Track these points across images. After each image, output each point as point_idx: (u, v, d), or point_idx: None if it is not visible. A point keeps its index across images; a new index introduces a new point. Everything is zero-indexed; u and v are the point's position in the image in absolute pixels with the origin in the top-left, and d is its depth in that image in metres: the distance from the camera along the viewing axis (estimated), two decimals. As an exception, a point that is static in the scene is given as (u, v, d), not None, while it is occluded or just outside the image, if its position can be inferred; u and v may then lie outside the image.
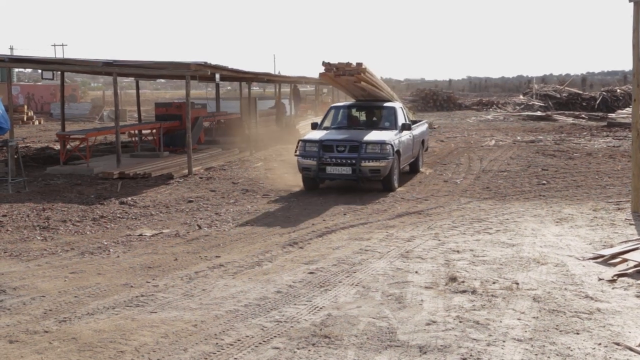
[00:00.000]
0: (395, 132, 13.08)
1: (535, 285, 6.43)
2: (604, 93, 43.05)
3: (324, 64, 12.96)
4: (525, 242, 8.33)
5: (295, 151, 12.81)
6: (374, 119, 14.19)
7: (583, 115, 36.30)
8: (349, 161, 12.23)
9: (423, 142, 15.80)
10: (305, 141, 12.72)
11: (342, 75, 12.97)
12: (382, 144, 12.33)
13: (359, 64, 12.85)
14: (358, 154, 12.19)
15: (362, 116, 14.69)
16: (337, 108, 14.60)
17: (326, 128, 13.67)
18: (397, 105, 14.49)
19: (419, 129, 15.45)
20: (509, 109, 42.67)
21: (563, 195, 12.02)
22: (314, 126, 13.88)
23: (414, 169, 15.14)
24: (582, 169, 15.21)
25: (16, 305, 6.06)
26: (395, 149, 12.54)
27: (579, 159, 17.06)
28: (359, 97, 14.87)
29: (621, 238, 8.38)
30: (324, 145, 12.42)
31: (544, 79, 68.07)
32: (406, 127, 13.48)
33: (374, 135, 12.68)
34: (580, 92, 46.93)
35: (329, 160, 12.33)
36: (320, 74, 13.26)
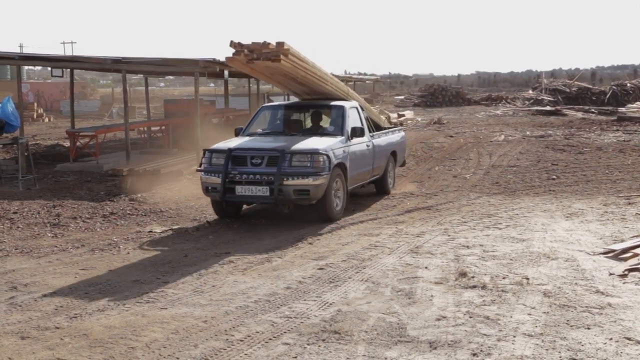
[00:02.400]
0: (340, 139, 9.90)
1: (545, 280, 6.41)
2: (613, 87, 42.74)
3: (232, 44, 9.41)
4: (535, 237, 8.30)
5: (200, 165, 9.81)
6: (317, 122, 10.94)
7: (593, 110, 36.09)
8: (266, 178, 9.07)
9: (395, 154, 12.37)
10: (211, 151, 9.62)
11: (256, 59, 9.46)
12: (312, 154, 9.12)
13: (280, 44, 9.36)
14: (278, 168, 9.05)
15: (302, 119, 11.52)
16: (269, 109, 11.65)
17: (251, 134, 10.60)
18: (349, 104, 10.96)
19: (388, 137, 12.13)
20: (518, 104, 42.46)
21: (573, 190, 11.97)
22: (238, 132, 10.76)
23: (380, 188, 11.90)
24: (592, 164, 15.13)
25: (27, 301, 6.10)
26: (336, 162, 9.38)
27: (589, 153, 16.97)
28: (302, 94, 11.61)
29: (632, 232, 8.34)
30: (234, 157, 9.28)
31: (553, 74, 67.78)
32: (358, 132, 10.23)
33: (305, 143, 9.52)
34: (590, 86, 46.63)
35: (239, 177, 9.18)
36: (228, 59, 9.71)
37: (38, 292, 6.36)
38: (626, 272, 6.59)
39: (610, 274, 6.59)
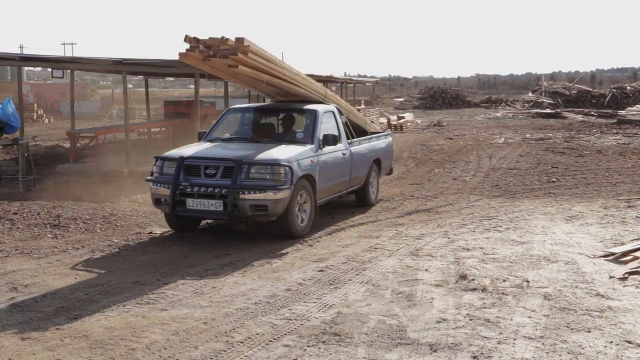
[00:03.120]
0: (309, 147, 9.05)
1: (545, 283, 6.41)
2: (613, 90, 42.83)
3: (187, 38, 8.60)
4: (536, 239, 8.30)
5: (151, 174, 8.95)
6: (289, 128, 9.96)
7: (593, 113, 36.18)
8: (219, 191, 8.15)
9: (379, 162, 11.40)
10: (162, 159, 8.78)
11: (213, 56, 8.56)
12: (272, 165, 8.22)
13: (240, 40, 8.44)
14: (233, 181, 8.13)
15: (273, 124, 10.46)
16: (237, 111, 10.50)
17: (214, 140, 9.69)
18: (323, 108, 9.97)
19: (371, 143, 11.17)
20: (518, 107, 42.54)
21: (573, 192, 11.98)
22: (201, 136, 10.01)
23: (361, 200, 10.96)
24: (592, 167, 15.14)
25: (28, 302, 6.09)
26: (301, 173, 8.53)
27: (589, 156, 16.99)
28: (274, 95, 10.70)
29: (632, 236, 8.34)
30: (186, 166, 8.42)
31: (553, 76, 67.92)
32: (331, 140, 9.34)
33: (267, 153, 8.58)
34: (590, 89, 46.73)
35: (190, 189, 8.30)
36: (181, 55, 8.76)
37: (38, 293, 6.36)
38: (626, 275, 6.60)
39: (611, 277, 6.60)
